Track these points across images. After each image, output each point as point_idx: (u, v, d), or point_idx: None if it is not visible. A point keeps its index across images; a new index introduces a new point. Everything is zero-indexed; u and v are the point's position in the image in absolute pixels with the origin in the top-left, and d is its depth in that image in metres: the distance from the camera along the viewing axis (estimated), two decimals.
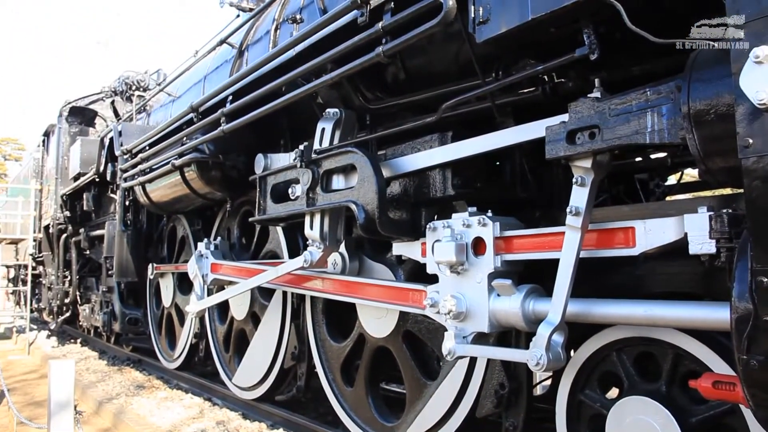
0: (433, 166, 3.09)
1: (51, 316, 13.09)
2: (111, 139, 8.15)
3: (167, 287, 7.33)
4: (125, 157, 7.27)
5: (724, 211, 2.00)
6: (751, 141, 1.72)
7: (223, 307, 5.94)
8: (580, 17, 2.23)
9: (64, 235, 11.44)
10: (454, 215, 2.89)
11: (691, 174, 4.56)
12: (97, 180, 9.06)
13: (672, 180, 4.72)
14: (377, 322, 3.83)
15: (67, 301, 11.67)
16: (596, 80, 2.35)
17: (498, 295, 2.65)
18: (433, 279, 2.99)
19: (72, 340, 12.07)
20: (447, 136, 3.06)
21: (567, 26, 2.31)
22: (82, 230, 10.24)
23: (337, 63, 3.36)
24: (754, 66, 1.68)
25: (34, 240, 14.69)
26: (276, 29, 4.77)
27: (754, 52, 1.67)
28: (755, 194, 1.74)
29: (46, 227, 12.87)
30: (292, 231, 4.77)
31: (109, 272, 8.40)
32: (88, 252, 10.20)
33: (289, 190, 3.76)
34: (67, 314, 12.02)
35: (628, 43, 2.19)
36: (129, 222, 7.60)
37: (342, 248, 3.80)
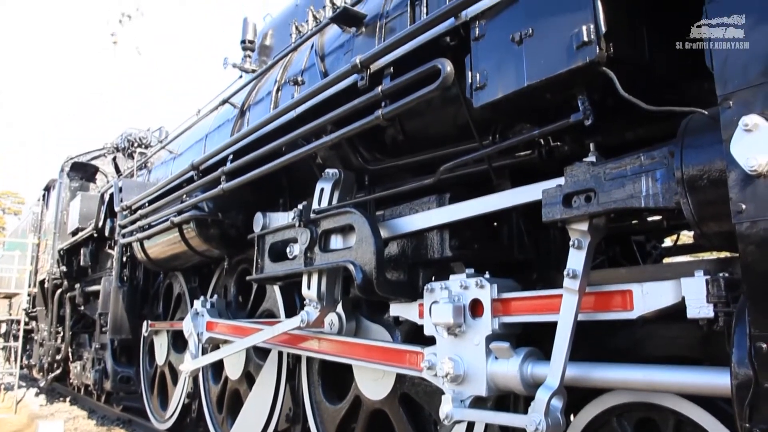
0: (431, 228, 3.11)
1: (41, 373, 12.85)
2: (111, 195, 8.20)
3: (161, 345, 7.23)
4: (124, 213, 7.29)
5: (721, 275, 2.01)
6: (744, 206, 1.74)
7: (218, 367, 5.85)
8: (574, 84, 2.30)
9: (59, 290, 11.35)
10: (451, 276, 2.89)
11: (688, 235, 4.58)
12: (95, 235, 9.06)
13: (668, 242, 4.74)
14: (374, 384, 3.77)
15: (58, 357, 11.49)
16: (591, 144, 2.40)
17: (496, 358, 2.62)
18: (431, 341, 2.96)
19: (61, 399, 11.81)
20: (445, 197, 3.10)
21: (562, 92, 2.37)
22: (77, 286, 10.17)
23: (337, 125, 3.43)
24: (743, 133, 1.73)
25: (29, 295, 14.58)
26: (278, 90, 4.88)
27: (743, 120, 1.72)
28: (750, 259, 1.75)
29: (42, 282, 12.79)
30: (289, 290, 4.74)
31: (103, 329, 8.30)
32: (82, 308, 10.11)
33: (287, 249, 3.77)
34: (58, 371, 11.80)
35: (621, 109, 2.25)
36: (125, 278, 7.56)
37: (339, 308, 3.78)
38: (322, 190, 3.62)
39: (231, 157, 4.68)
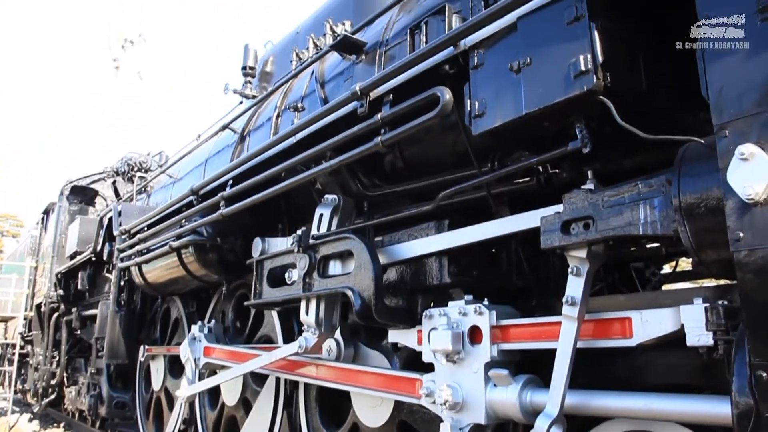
0: (430, 254, 3.11)
1: (35, 398, 12.72)
2: (110, 219, 8.20)
3: (158, 370, 7.17)
4: (123, 237, 7.29)
5: (720, 302, 2.00)
6: (741, 234, 1.75)
7: (214, 393, 5.80)
8: (572, 113, 2.32)
9: (56, 314, 11.30)
10: (450, 303, 2.89)
11: (687, 262, 4.58)
12: (93, 259, 9.04)
13: (667, 268, 4.74)
14: (372, 411, 3.73)
15: (53, 382, 11.38)
16: (589, 172, 2.42)
17: (495, 385, 2.61)
18: (429, 368, 2.95)
19: (55, 424, 11.68)
20: (444, 224, 3.11)
21: (560, 121, 2.39)
22: (74, 309, 10.12)
23: (337, 151, 3.45)
24: (740, 162, 1.74)
25: (25, 318, 14.50)
26: (278, 116, 4.91)
27: (739, 149, 1.74)
28: (748, 287, 1.76)
29: (38, 305, 12.73)
30: (288, 316, 4.73)
31: (99, 353, 8.25)
32: (79, 332, 10.05)
33: (286, 275, 3.77)
34: (52, 396, 11.68)
35: (619, 137, 2.27)
36: (123, 302, 7.53)
37: (337, 334, 3.76)
38: (321, 215, 3.63)
39: (231, 182, 4.70)
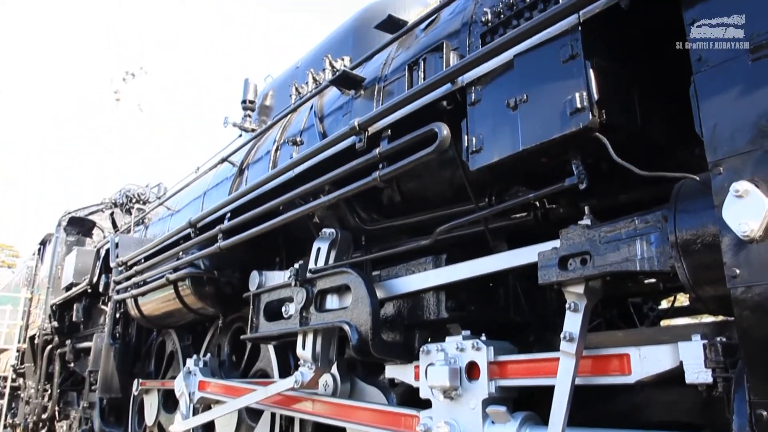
0: (427, 289, 3.11)
1: None
2: (107, 251, 8.17)
3: (151, 404, 7.07)
4: (120, 268, 7.27)
5: (718, 339, 2.00)
6: (738, 271, 1.76)
7: (209, 428, 5.70)
8: (568, 149, 2.34)
9: (50, 347, 11.18)
10: (447, 338, 2.87)
11: (685, 297, 4.57)
12: (89, 291, 8.99)
13: (665, 304, 4.73)
14: None
15: (44, 416, 11.21)
16: (586, 208, 2.43)
17: (493, 422, 2.58)
18: (427, 404, 2.92)
19: None
20: (441, 258, 3.11)
21: (557, 157, 2.42)
22: (68, 342, 10.03)
23: (335, 185, 3.46)
24: (735, 199, 1.76)
25: (18, 350, 14.34)
26: (276, 150, 4.95)
27: (734, 186, 1.75)
28: (746, 324, 1.76)
29: (32, 337, 12.61)
30: (284, 350, 4.69)
31: (93, 387, 8.14)
32: (72, 365, 9.94)
33: (283, 309, 3.75)
34: (44, 431, 11.50)
35: (615, 173, 2.29)
36: (118, 335, 7.46)
37: (334, 369, 3.73)
38: (318, 249, 3.63)
39: (228, 215, 4.70)
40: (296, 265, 3.62)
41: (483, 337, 2.72)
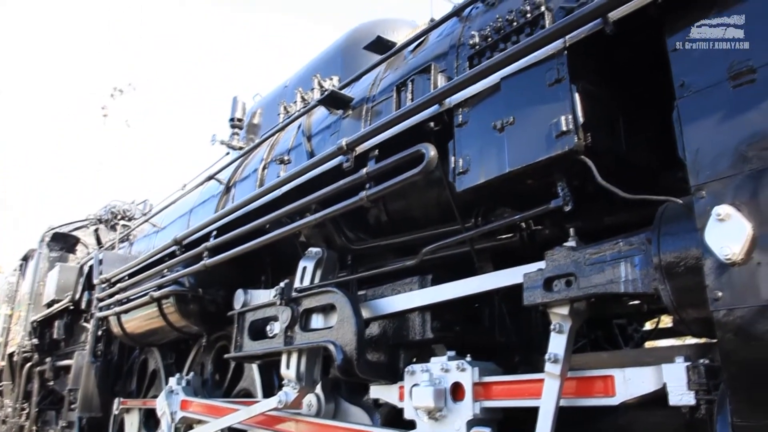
0: (413, 309, 3.10)
1: None
2: (91, 267, 8.09)
3: (132, 424, 6.95)
4: (103, 285, 7.19)
5: (701, 361, 2.01)
6: (720, 294, 1.78)
7: None
8: (554, 171, 2.37)
9: (29, 364, 10.99)
10: (432, 359, 2.86)
11: (669, 318, 4.60)
12: (71, 308, 8.87)
13: (649, 325, 4.75)
14: None
15: None
16: (571, 229, 2.45)
17: None
18: (411, 425, 2.90)
19: None
20: (427, 279, 3.11)
21: (542, 178, 2.44)
22: (48, 359, 9.86)
23: (322, 204, 3.46)
24: (717, 223, 1.78)
25: None
26: (264, 168, 4.95)
27: (716, 210, 1.78)
28: (728, 347, 1.77)
29: (11, 354, 12.38)
30: (268, 369, 4.65)
31: (72, 406, 7.99)
32: (51, 383, 9.76)
33: (267, 328, 3.73)
34: None
35: (600, 196, 2.31)
36: (99, 353, 7.35)
37: (318, 389, 3.70)
38: (304, 268, 3.61)
39: (215, 233, 4.68)
40: (282, 284, 3.60)
41: (468, 358, 2.72)
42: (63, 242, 12.36)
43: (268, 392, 4.48)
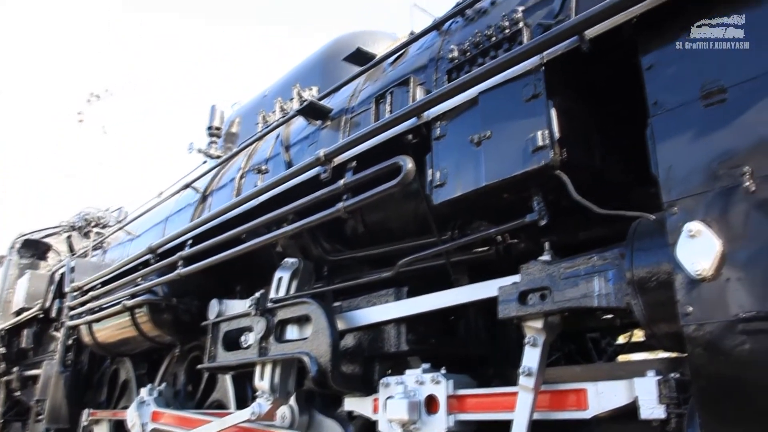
0: (388, 321, 3.10)
1: None
2: (62, 275, 7.96)
3: None
4: (75, 294, 7.07)
5: (672, 375, 2.03)
6: (690, 309, 1.80)
7: None
8: (530, 186, 2.39)
9: None
10: (407, 371, 2.86)
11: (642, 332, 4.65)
12: (41, 316, 8.70)
13: (623, 339, 4.80)
14: None
15: None
16: (546, 244, 2.47)
17: None
18: None
19: None
20: (403, 291, 3.11)
21: (518, 193, 2.46)
22: (15, 369, 9.64)
23: (299, 215, 3.45)
24: (688, 239, 1.81)
25: None
26: (241, 177, 4.92)
27: (687, 226, 1.81)
28: (698, 361, 1.79)
29: None
30: (241, 380, 4.60)
31: (39, 417, 7.82)
32: (18, 393, 9.54)
33: (242, 338, 3.69)
34: None
35: (575, 210, 2.34)
36: (69, 362, 7.21)
37: (292, 401, 3.66)
38: (280, 278, 3.60)
39: (190, 242, 4.64)
40: (257, 294, 3.58)
41: (443, 371, 2.72)
42: (34, 249, 12.12)
43: (242, 404, 4.43)
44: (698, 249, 1.78)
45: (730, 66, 1.85)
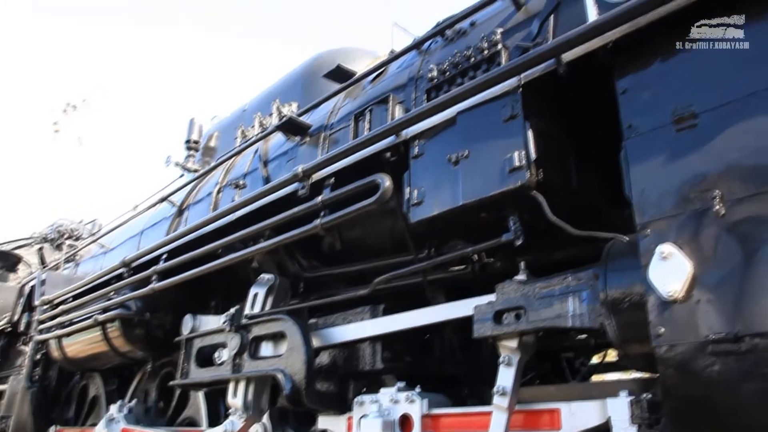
0: (364, 339, 3.09)
1: None
2: (32, 287, 7.80)
3: None
4: (45, 307, 6.93)
5: (644, 396, 2.05)
6: (662, 330, 1.82)
7: None
8: (506, 206, 2.41)
9: None
10: (382, 390, 2.84)
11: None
12: (8, 330, 8.51)
13: (597, 359, 4.83)
14: None
15: None
16: (522, 263, 2.49)
17: None
18: None
19: None
20: (379, 308, 3.11)
21: (495, 212, 2.48)
22: None
23: (276, 230, 3.44)
24: (660, 261, 1.84)
25: None
26: (218, 192, 4.89)
27: (659, 248, 1.84)
28: (669, 382, 1.81)
29: None
30: (214, 397, 4.53)
31: None
32: None
33: (215, 355, 3.65)
34: None
35: (550, 231, 2.36)
36: (37, 377, 7.05)
37: (265, 418, 3.61)
38: (255, 294, 3.57)
39: (165, 256, 4.58)
40: (232, 310, 3.55)
41: (418, 389, 2.71)
42: (3, 260, 11.87)
43: (214, 421, 4.36)
44: (670, 271, 1.81)
45: (702, 92, 1.89)
